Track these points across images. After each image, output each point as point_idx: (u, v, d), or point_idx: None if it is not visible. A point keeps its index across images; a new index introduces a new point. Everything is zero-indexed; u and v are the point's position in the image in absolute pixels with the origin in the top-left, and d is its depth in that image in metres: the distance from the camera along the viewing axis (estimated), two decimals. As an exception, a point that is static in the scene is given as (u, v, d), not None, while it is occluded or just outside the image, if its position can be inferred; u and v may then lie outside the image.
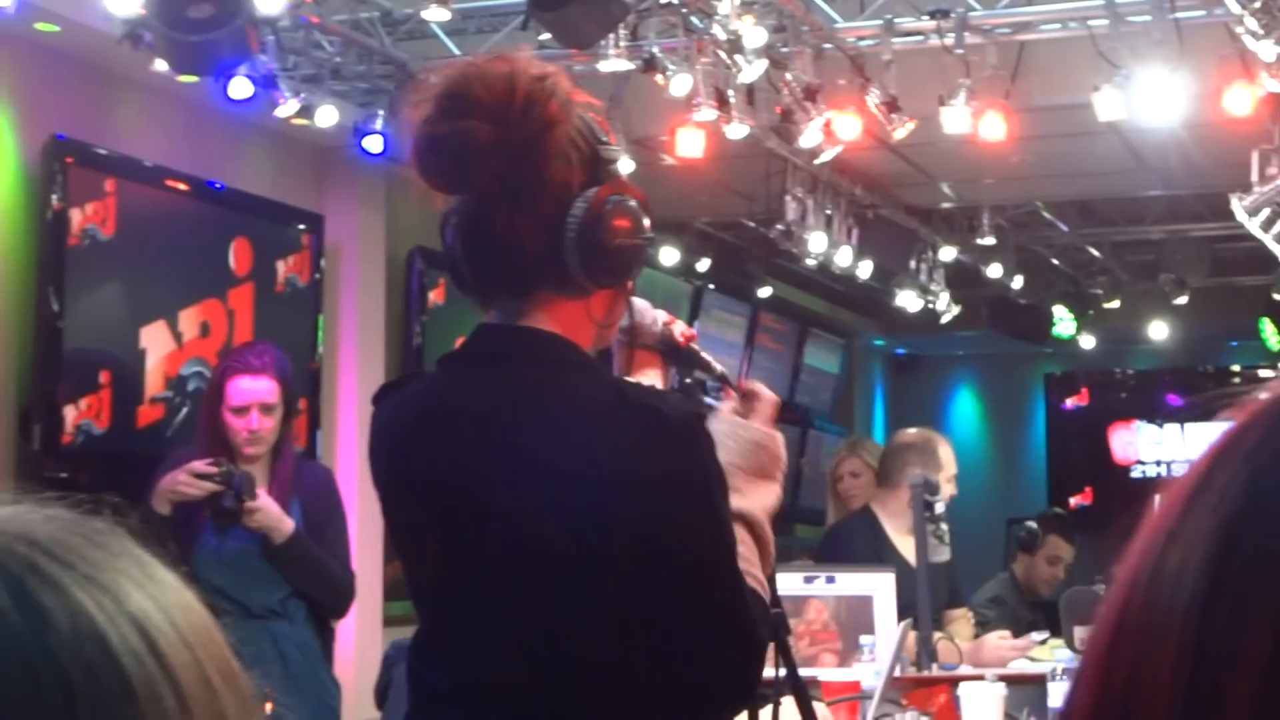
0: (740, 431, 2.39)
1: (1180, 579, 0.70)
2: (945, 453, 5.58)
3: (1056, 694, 4.11)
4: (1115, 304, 10.89)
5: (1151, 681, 0.69)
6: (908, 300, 9.40)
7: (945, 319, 9.67)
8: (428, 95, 2.21)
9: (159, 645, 0.74)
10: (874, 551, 5.43)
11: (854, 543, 5.60)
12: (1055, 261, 10.43)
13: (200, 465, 4.40)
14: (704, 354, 2.54)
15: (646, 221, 2.28)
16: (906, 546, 5.43)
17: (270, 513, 4.47)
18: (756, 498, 2.34)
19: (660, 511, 2.16)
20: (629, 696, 2.20)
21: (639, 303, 2.43)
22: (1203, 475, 0.72)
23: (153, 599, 0.76)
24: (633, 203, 2.26)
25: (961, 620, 5.59)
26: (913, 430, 5.81)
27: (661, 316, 2.49)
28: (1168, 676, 0.69)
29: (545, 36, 5.48)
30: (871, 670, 4.36)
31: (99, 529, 0.78)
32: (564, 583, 2.16)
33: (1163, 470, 12.50)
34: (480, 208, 2.23)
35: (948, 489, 5.40)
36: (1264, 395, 0.73)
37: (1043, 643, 5.18)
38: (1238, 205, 6.52)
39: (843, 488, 6.57)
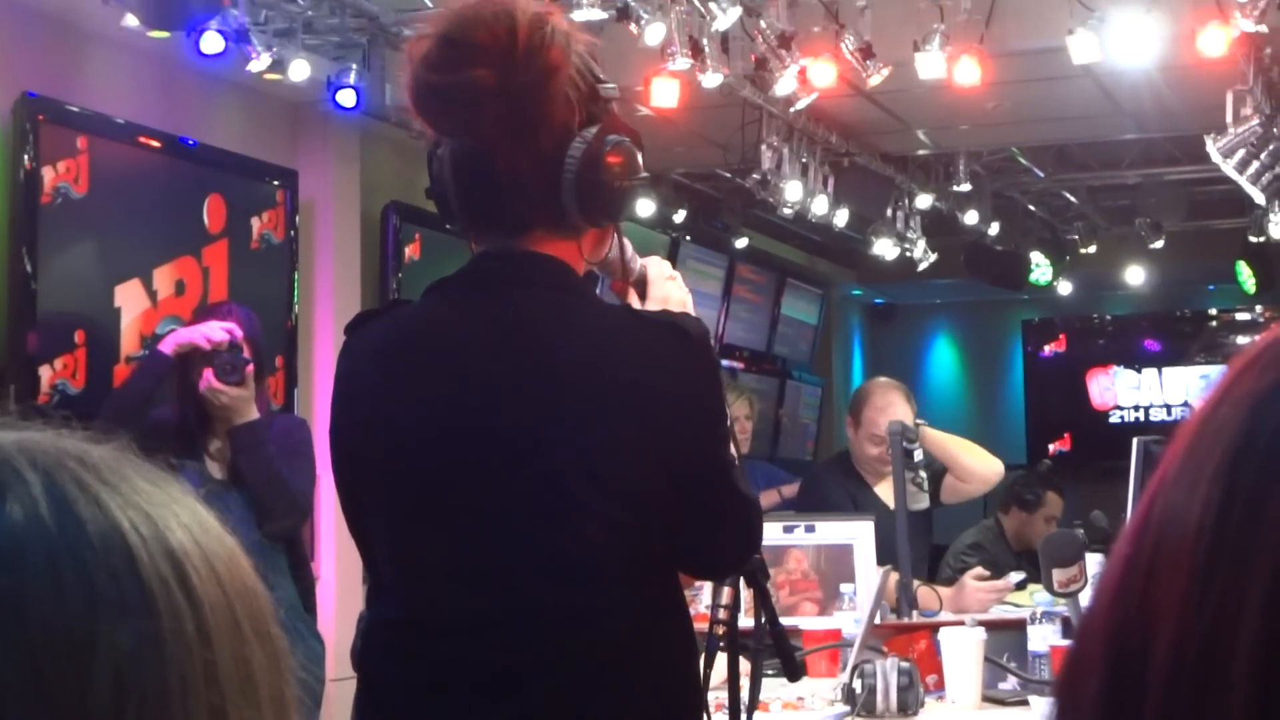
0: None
1: (1188, 512, 0.74)
2: (870, 411, 5.57)
3: (1036, 638, 4.13)
4: (1092, 249, 10.89)
5: (1164, 607, 0.73)
6: (884, 248, 9.38)
7: (922, 267, 9.66)
8: (426, 34, 2.21)
9: (189, 578, 0.76)
10: (850, 497, 5.44)
11: (830, 487, 5.61)
12: (1032, 208, 10.43)
13: (216, 325, 4.64)
14: None
15: (641, 160, 2.29)
16: (883, 492, 5.44)
17: (243, 396, 4.60)
18: None
19: (686, 416, 2.23)
20: (646, 598, 2.25)
21: (628, 243, 2.47)
22: (1206, 415, 0.77)
23: (195, 541, 0.78)
24: (628, 142, 2.27)
25: None
26: (865, 384, 5.95)
27: (639, 258, 2.55)
28: (1178, 602, 0.73)
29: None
30: (852, 618, 4.38)
31: (160, 472, 0.82)
32: (588, 489, 2.18)
33: (1140, 415, 12.52)
34: (480, 149, 2.23)
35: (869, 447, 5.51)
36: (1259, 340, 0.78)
37: (1021, 586, 5.18)
38: (1213, 147, 6.51)
39: None
